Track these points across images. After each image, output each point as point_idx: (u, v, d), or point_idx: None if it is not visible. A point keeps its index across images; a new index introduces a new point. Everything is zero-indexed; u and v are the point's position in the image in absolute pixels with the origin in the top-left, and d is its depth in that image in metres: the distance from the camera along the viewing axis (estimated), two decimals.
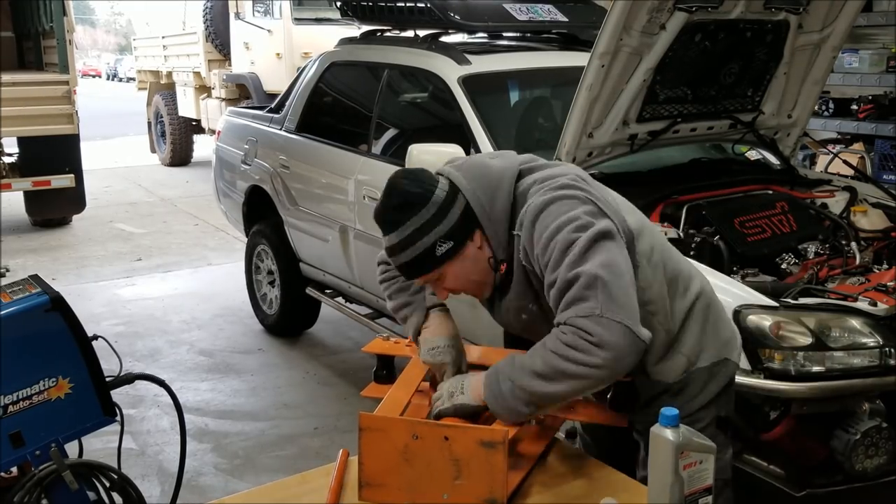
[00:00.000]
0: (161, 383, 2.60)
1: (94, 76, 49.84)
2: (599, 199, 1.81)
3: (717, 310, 2.05)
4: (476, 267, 1.87)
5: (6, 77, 7.66)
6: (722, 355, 2.01)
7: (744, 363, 2.52)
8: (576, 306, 1.66)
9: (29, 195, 8.41)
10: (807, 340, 2.59)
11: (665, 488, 1.53)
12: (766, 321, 2.60)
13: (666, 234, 3.03)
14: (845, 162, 4.17)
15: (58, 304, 2.30)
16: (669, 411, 1.54)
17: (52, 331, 2.30)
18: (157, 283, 6.90)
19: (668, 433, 1.53)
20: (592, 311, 1.64)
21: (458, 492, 1.67)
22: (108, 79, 49.41)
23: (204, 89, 11.99)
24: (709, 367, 1.98)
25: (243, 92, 11.02)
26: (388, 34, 4.90)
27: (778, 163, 3.95)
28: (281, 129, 5.16)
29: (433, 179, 1.84)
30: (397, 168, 1.88)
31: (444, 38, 4.51)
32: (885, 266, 3.06)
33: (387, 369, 2.26)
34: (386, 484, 1.72)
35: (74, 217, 9.03)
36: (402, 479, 1.71)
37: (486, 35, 4.83)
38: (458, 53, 4.09)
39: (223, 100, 11.18)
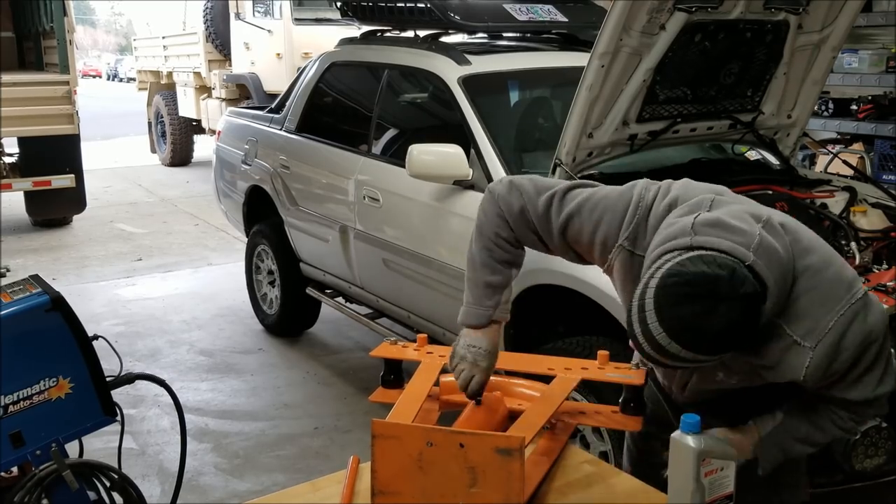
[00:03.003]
0: (161, 383, 2.61)
1: (94, 76, 49.85)
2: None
3: None
4: None
5: (6, 77, 7.66)
6: None
7: None
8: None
9: (29, 195, 8.41)
10: None
11: (686, 495, 1.52)
12: None
13: None
14: (845, 162, 4.17)
15: (58, 304, 2.31)
16: (690, 417, 1.53)
17: (53, 331, 2.30)
18: (158, 283, 6.90)
19: (690, 440, 1.52)
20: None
21: (474, 500, 1.65)
22: (108, 79, 49.42)
23: (204, 89, 11.99)
24: None
25: (243, 92, 11.02)
26: (388, 34, 4.90)
27: (777, 163, 3.95)
28: (281, 130, 5.17)
29: (761, 303, 1.52)
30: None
31: (444, 39, 4.51)
32: (884, 266, 3.06)
33: (394, 374, 2.24)
34: (400, 492, 1.69)
35: (75, 217, 9.03)
36: (416, 487, 1.68)
37: (486, 35, 4.83)
38: (458, 54, 4.09)
39: (223, 100, 11.18)
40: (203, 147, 12.86)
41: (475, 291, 1.97)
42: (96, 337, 2.43)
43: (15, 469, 2.38)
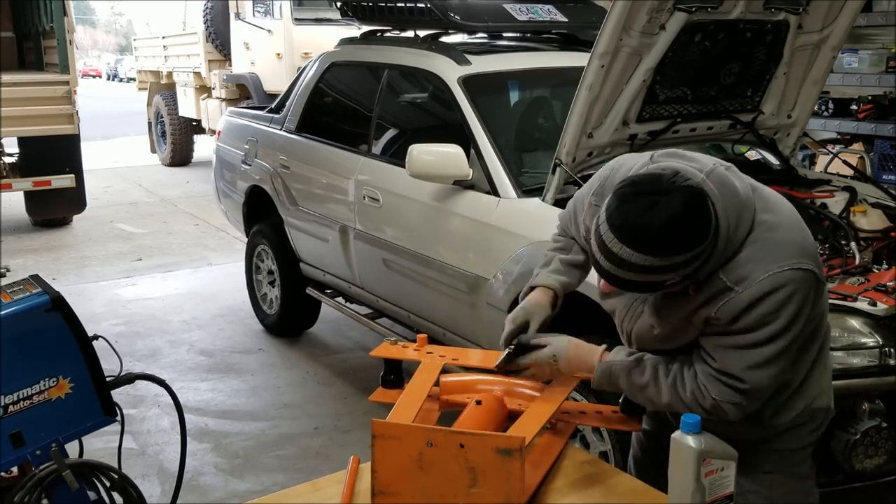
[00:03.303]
0: (161, 383, 2.61)
1: (94, 76, 49.85)
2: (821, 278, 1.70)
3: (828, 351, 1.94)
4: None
5: (6, 77, 7.66)
6: (825, 401, 1.93)
7: None
8: (728, 390, 1.70)
9: (29, 195, 8.41)
10: None
11: (686, 495, 1.52)
12: None
13: None
14: (845, 162, 4.17)
15: (58, 304, 2.31)
16: (691, 417, 1.53)
17: (53, 331, 2.30)
18: (158, 283, 6.90)
19: (690, 440, 1.52)
20: (741, 405, 1.72)
21: (474, 500, 1.65)
22: (108, 79, 49.42)
23: (204, 89, 11.99)
24: (825, 409, 1.93)
25: (243, 92, 11.02)
26: (388, 34, 4.90)
27: (777, 163, 3.95)
28: (281, 130, 5.17)
29: (705, 200, 1.56)
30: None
31: (444, 39, 4.51)
32: (884, 266, 3.06)
33: (394, 374, 2.24)
34: (400, 492, 1.70)
35: (75, 217, 9.03)
36: (416, 487, 1.68)
37: (486, 35, 4.83)
38: (458, 54, 4.09)
39: (223, 100, 11.18)
40: (203, 147, 12.86)
41: (553, 264, 2.12)
42: (96, 337, 2.43)
43: (15, 469, 2.39)
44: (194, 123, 12.60)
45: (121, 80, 44.96)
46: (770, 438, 1.85)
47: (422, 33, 4.58)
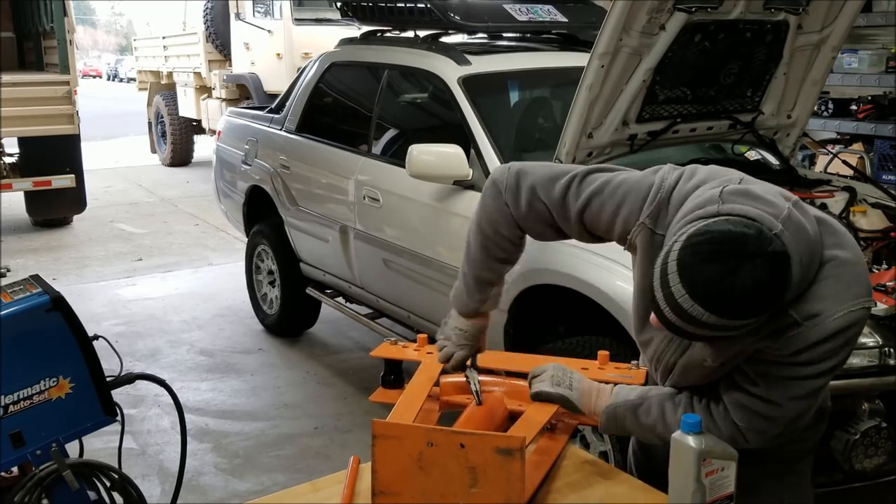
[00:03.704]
0: (161, 383, 2.61)
1: (94, 76, 49.87)
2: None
3: None
4: None
5: (7, 77, 7.66)
6: (828, 400, 1.94)
7: None
8: (758, 419, 1.67)
9: (29, 195, 8.41)
10: None
11: (686, 495, 1.52)
12: None
13: None
14: (844, 162, 4.17)
15: (58, 304, 2.31)
16: (691, 417, 1.53)
17: (53, 331, 2.30)
18: (158, 283, 6.91)
19: (691, 440, 1.51)
20: (765, 433, 1.68)
21: (474, 500, 1.64)
22: (108, 79, 49.44)
23: (204, 89, 11.99)
24: (829, 407, 1.94)
25: (244, 92, 11.02)
26: (388, 34, 4.90)
27: (777, 163, 3.95)
28: (281, 130, 5.17)
29: (788, 265, 1.46)
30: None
31: (444, 39, 4.51)
32: (884, 266, 3.06)
33: (394, 374, 2.24)
34: (400, 492, 1.69)
35: (75, 217, 9.03)
36: (416, 488, 1.68)
37: (486, 35, 4.83)
38: (458, 54, 4.09)
39: (223, 100, 11.18)
40: (203, 147, 12.86)
41: (467, 282, 2.01)
42: (96, 337, 2.43)
43: (15, 469, 2.38)
44: (194, 123, 12.60)
45: (121, 80, 44.98)
46: (785, 442, 1.81)
47: (422, 33, 4.58)
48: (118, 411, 2.43)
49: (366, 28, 5.12)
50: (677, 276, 1.43)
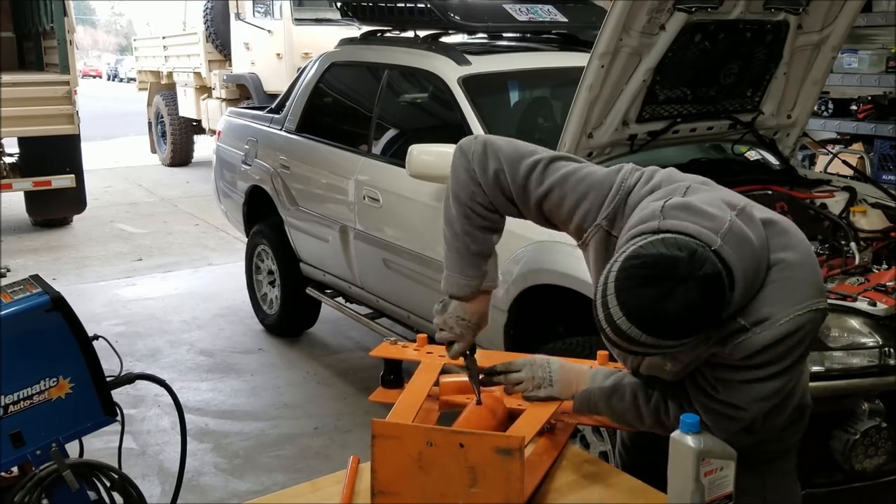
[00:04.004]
0: (161, 383, 2.61)
1: (94, 76, 49.87)
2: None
3: None
4: None
5: (7, 77, 7.66)
6: (807, 398, 1.94)
7: None
8: (725, 421, 1.69)
9: (29, 195, 8.41)
10: None
11: (685, 495, 1.52)
12: None
13: None
14: (844, 162, 4.17)
15: (58, 304, 2.31)
16: (689, 417, 1.53)
17: (53, 331, 2.30)
18: (158, 283, 6.91)
19: (689, 439, 1.51)
20: (733, 433, 1.68)
21: (474, 500, 1.65)
22: (108, 79, 49.44)
23: (204, 89, 11.99)
24: (808, 405, 1.94)
25: (244, 92, 11.02)
26: (388, 34, 4.90)
27: (777, 163, 3.95)
28: (281, 130, 5.17)
29: (722, 285, 1.47)
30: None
31: (444, 39, 4.51)
32: (884, 266, 3.06)
33: (394, 374, 2.24)
34: (400, 492, 1.69)
35: (75, 217, 9.03)
36: (416, 487, 1.68)
37: (486, 35, 4.83)
38: (458, 54, 4.09)
39: (223, 100, 11.18)
40: (203, 147, 12.87)
41: (458, 260, 1.92)
42: (96, 337, 2.43)
43: (15, 469, 2.38)
44: (194, 123, 12.60)
45: (121, 80, 44.98)
46: (762, 441, 1.84)
47: (422, 33, 4.58)
48: (118, 411, 2.43)
49: (366, 28, 5.12)
50: (615, 299, 1.46)
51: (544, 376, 1.94)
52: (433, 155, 3.60)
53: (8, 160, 8.19)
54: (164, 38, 13.63)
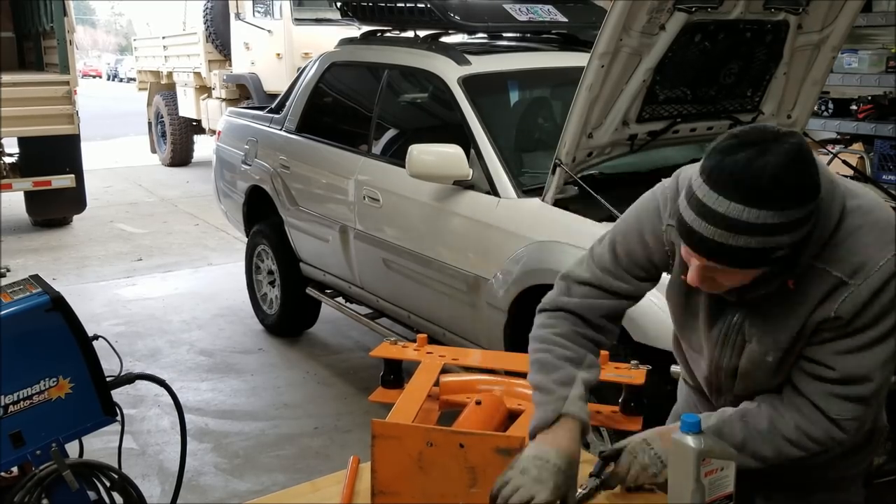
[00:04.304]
0: (161, 383, 2.60)
1: (94, 76, 49.91)
2: None
3: None
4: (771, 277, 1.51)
5: (6, 77, 7.66)
6: (882, 420, 1.77)
7: None
8: (850, 403, 1.54)
9: (29, 195, 8.41)
10: None
11: (686, 495, 1.51)
12: None
13: None
14: (845, 162, 4.17)
15: (58, 304, 2.30)
16: (690, 417, 1.52)
17: (53, 331, 2.30)
18: (158, 283, 6.91)
19: (690, 440, 1.51)
20: (861, 417, 1.55)
21: (474, 500, 1.64)
22: (108, 79, 49.47)
23: (204, 89, 12.00)
24: (882, 428, 1.78)
25: (243, 92, 11.02)
26: (388, 34, 4.90)
27: None
28: (281, 130, 5.17)
29: (811, 153, 1.42)
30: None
31: (444, 39, 4.51)
32: None
33: (394, 374, 2.24)
34: (400, 492, 1.69)
35: (75, 217, 9.03)
36: (416, 487, 1.68)
37: (486, 35, 4.83)
38: (458, 54, 4.09)
39: (223, 100, 11.19)
40: (203, 147, 12.87)
41: (541, 394, 1.69)
42: (96, 337, 2.43)
43: (15, 469, 2.38)
44: (194, 123, 12.60)
45: (121, 80, 45.00)
46: (828, 464, 1.65)
47: (422, 33, 4.58)
48: (118, 411, 2.43)
49: (366, 28, 5.12)
50: (705, 180, 1.39)
51: (655, 462, 1.66)
52: (433, 155, 3.60)
53: (8, 160, 8.20)
54: (164, 38, 13.64)
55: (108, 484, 2.38)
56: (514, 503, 1.53)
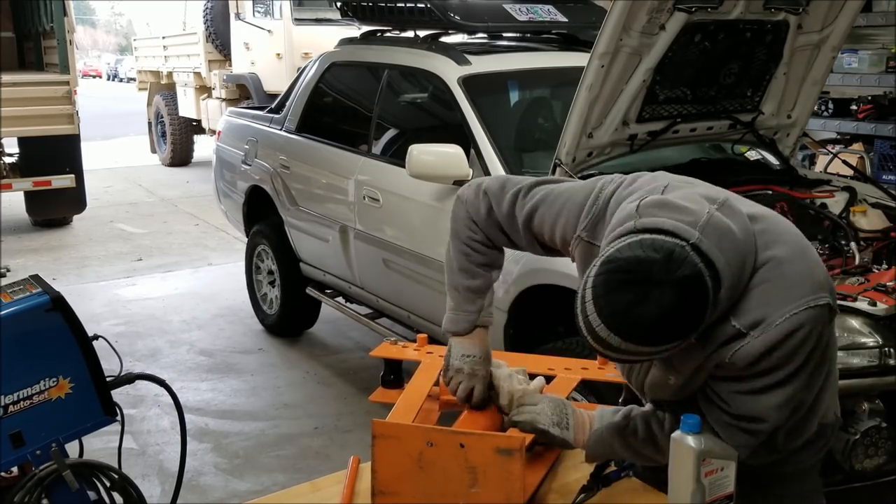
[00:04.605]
0: (161, 383, 2.60)
1: (94, 76, 49.87)
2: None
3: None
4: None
5: (7, 77, 7.66)
6: (831, 417, 1.81)
7: None
8: (747, 435, 1.60)
9: (29, 195, 8.41)
10: None
11: (686, 495, 1.51)
12: None
13: None
14: (845, 162, 4.16)
15: (58, 304, 2.30)
16: (690, 418, 1.52)
17: (53, 331, 2.30)
18: (158, 283, 6.91)
19: (690, 440, 1.51)
20: (758, 448, 1.63)
21: (474, 500, 1.64)
22: (108, 79, 49.44)
23: (204, 89, 12.00)
24: (832, 424, 1.82)
25: (243, 92, 11.02)
26: (388, 34, 4.90)
27: (777, 163, 3.95)
28: (281, 130, 5.17)
29: (701, 286, 1.40)
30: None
31: (444, 39, 4.51)
32: (884, 266, 3.06)
33: (394, 374, 2.24)
34: (400, 492, 1.69)
35: (75, 217, 9.04)
36: (416, 487, 1.68)
37: (486, 35, 4.83)
38: (458, 54, 4.09)
39: (223, 100, 11.19)
40: (203, 147, 12.86)
41: (456, 297, 1.95)
42: (96, 337, 2.43)
43: (15, 469, 2.38)
44: (194, 123, 12.60)
45: (121, 80, 44.98)
46: (781, 461, 1.74)
47: (422, 33, 4.58)
48: (118, 411, 2.43)
49: (366, 28, 5.12)
50: (592, 306, 1.43)
51: (562, 418, 1.79)
52: (433, 155, 3.60)
53: (8, 160, 8.20)
54: (164, 38, 13.64)
55: (108, 484, 2.37)
56: (460, 396, 1.90)
